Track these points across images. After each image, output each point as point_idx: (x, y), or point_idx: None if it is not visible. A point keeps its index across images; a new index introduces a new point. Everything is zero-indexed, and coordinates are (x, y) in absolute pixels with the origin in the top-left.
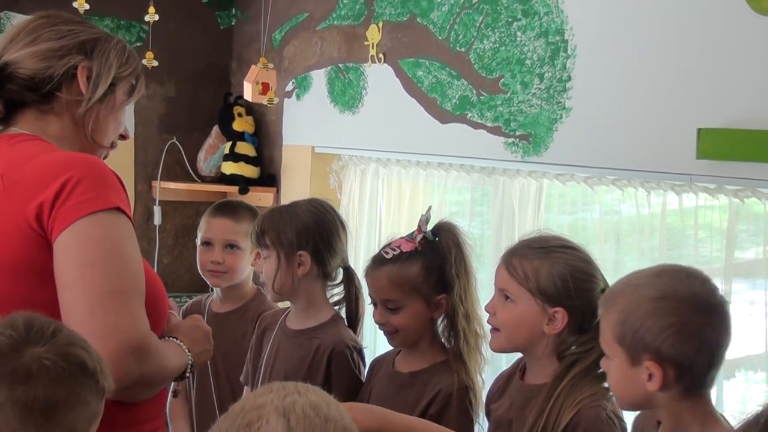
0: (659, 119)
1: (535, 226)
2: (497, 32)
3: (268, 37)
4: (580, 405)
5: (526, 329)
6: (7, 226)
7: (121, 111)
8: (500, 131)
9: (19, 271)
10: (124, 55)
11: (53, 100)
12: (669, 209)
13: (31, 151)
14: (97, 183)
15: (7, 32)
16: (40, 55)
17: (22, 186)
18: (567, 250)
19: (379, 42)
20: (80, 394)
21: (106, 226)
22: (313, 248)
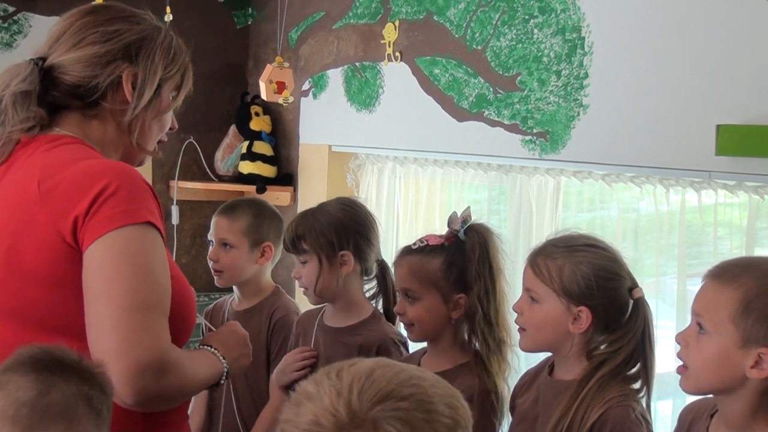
0: (678, 116)
1: (552, 224)
2: (514, 30)
3: (285, 36)
4: (608, 404)
5: (552, 329)
6: (41, 238)
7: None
8: (517, 129)
9: (52, 283)
10: (170, 53)
11: (97, 107)
12: (688, 206)
13: (67, 157)
14: (130, 195)
15: (54, 28)
16: (85, 61)
17: (56, 197)
18: (592, 249)
19: (395, 40)
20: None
21: (134, 241)
22: (355, 246)
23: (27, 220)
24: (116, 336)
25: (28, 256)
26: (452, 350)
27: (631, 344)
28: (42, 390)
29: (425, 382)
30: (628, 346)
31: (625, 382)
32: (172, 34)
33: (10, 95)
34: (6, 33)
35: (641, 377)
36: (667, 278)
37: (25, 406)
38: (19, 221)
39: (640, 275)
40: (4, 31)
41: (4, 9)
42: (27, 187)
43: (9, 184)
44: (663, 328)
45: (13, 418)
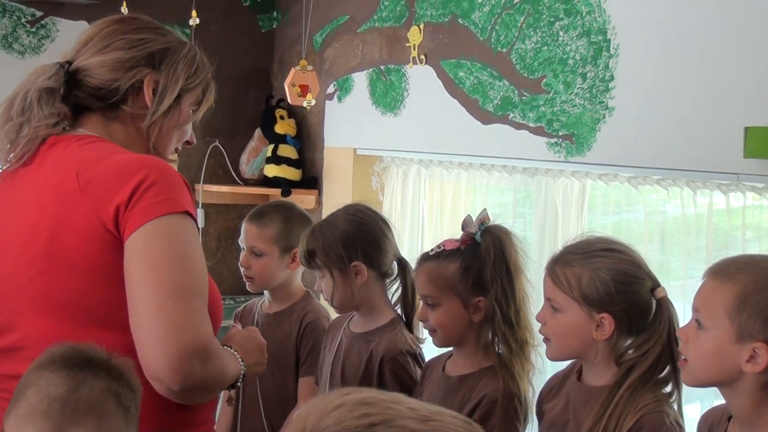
0: (705, 118)
1: (578, 227)
2: (539, 32)
3: (309, 39)
4: (642, 411)
5: (575, 337)
6: (83, 227)
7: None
8: (543, 131)
9: (95, 272)
10: (192, 65)
11: (119, 110)
12: (716, 209)
13: (102, 151)
14: (168, 186)
15: (82, 35)
16: (109, 65)
17: (96, 186)
18: (609, 253)
19: (420, 43)
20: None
21: (176, 229)
22: (364, 255)
23: (67, 210)
24: (163, 322)
25: (70, 246)
26: (476, 354)
27: (658, 346)
28: (72, 386)
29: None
30: (655, 348)
31: (656, 387)
32: (196, 49)
33: (35, 91)
34: (34, 38)
35: (671, 380)
36: (694, 281)
37: (56, 402)
38: (59, 213)
39: (666, 278)
40: (32, 35)
41: (32, 14)
42: (64, 180)
43: (42, 180)
44: None
45: (45, 413)
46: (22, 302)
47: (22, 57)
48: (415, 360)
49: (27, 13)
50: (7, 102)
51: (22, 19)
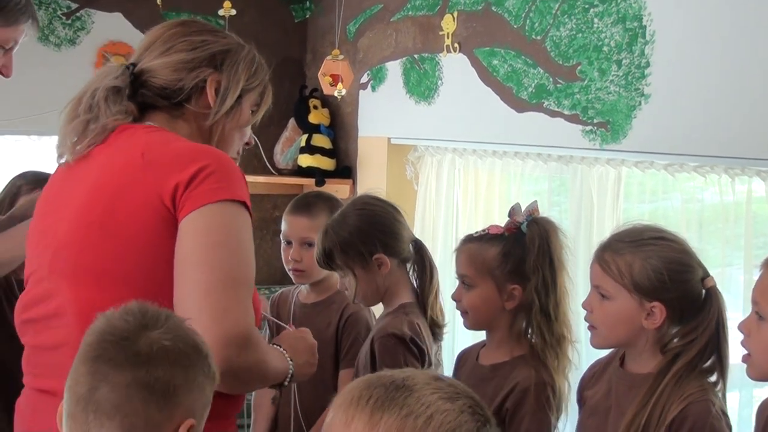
0: (743, 103)
1: (613, 216)
2: (574, 19)
3: (343, 29)
4: (688, 399)
5: (625, 326)
6: (140, 199)
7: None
8: (578, 119)
9: (146, 244)
10: (252, 66)
11: (183, 109)
12: (754, 196)
13: (169, 137)
14: (228, 176)
15: (145, 38)
16: (173, 66)
17: (160, 165)
18: (660, 242)
19: (454, 32)
20: (197, 377)
21: (232, 216)
22: (383, 245)
23: (127, 183)
24: (209, 304)
25: (125, 216)
26: (509, 342)
27: (705, 335)
28: (93, 384)
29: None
30: (702, 337)
31: (702, 376)
32: (255, 51)
33: (102, 90)
34: (69, 30)
35: (717, 369)
36: (732, 269)
37: (80, 402)
38: (119, 186)
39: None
40: (67, 27)
41: (67, 6)
42: (129, 159)
43: (107, 160)
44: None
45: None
46: (70, 269)
47: (59, 49)
48: (403, 344)
49: (62, 6)
50: (74, 100)
51: (57, 11)
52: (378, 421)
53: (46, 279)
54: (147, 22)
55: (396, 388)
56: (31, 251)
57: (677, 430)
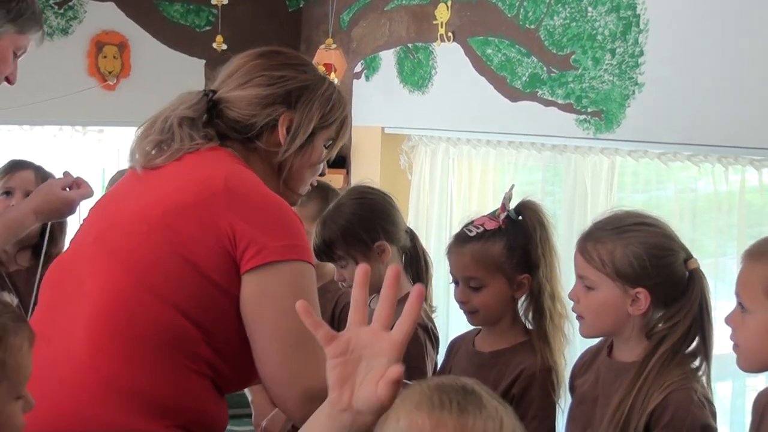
0: (736, 92)
1: (607, 205)
2: (567, 8)
3: (336, 18)
4: (670, 388)
5: (611, 314)
6: (210, 221)
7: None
8: (572, 108)
9: (191, 259)
10: (328, 104)
11: (253, 144)
12: (748, 185)
13: (252, 177)
14: (299, 234)
15: (229, 65)
16: (248, 100)
17: (239, 200)
18: (640, 227)
19: (448, 21)
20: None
21: (306, 278)
22: (384, 232)
23: (202, 200)
24: (287, 369)
25: (186, 228)
26: (511, 330)
27: (689, 318)
28: None
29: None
30: (685, 319)
31: (685, 361)
32: (335, 87)
33: (176, 118)
34: (62, 19)
35: (700, 353)
36: (726, 259)
37: None
38: (194, 198)
39: (698, 256)
40: (60, 17)
41: None
42: (212, 177)
43: (185, 170)
44: (722, 309)
45: None
46: (113, 247)
47: (51, 39)
48: (426, 333)
49: None
50: (149, 121)
51: (50, 0)
52: (466, 423)
53: (87, 247)
54: (139, 11)
55: (467, 393)
56: (84, 229)
57: (658, 418)
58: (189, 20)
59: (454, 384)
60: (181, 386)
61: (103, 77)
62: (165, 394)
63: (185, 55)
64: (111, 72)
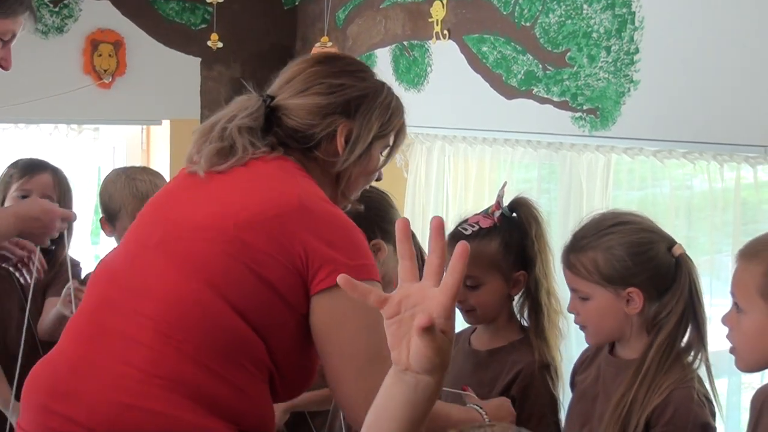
0: (732, 90)
1: (603, 203)
2: (563, 5)
3: (332, 16)
4: (671, 387)
5: (611, 319)
6: (282, 237)
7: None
8: (567, 106)
9: (273, 286)
10: (387, 113)
11: (311, 153)
12: (743, 183)
13: (321, 195)
14: (368, 253)
15: (286, 71)
16: (307, 108)
17: (312, 218)
18: (617, 228)
19: (443, 18)
20: None
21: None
22: (381, 231)
23: (274, 215)
24: (360, 387)
25: (259, 247)
26: (507, 327)
27: (681, 304)
28: None
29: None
30: (678, 306)
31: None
32: (393, 94)
33: (235, 127)
34: (57, 17)
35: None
36: (721, 256)
37: None
38: (265, 213)
39: (694, 253)
40: (54, 15)
41: None
42: (285, 192)
43: (254, 178)
44: (718, 306)
45: None
46: (180, 253)
47: (46, 37)
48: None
49: None
50: (205, 127)
51: None
52: None
53: (150, 249)
54: (135, 10)
55: None
56: (139, 224)
57: (659, 416)
58: (184, 18)
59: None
60: (244, 389)
61: (98, 75)
62: (227, 396)
63: (181, 53)
64: (106, 70)
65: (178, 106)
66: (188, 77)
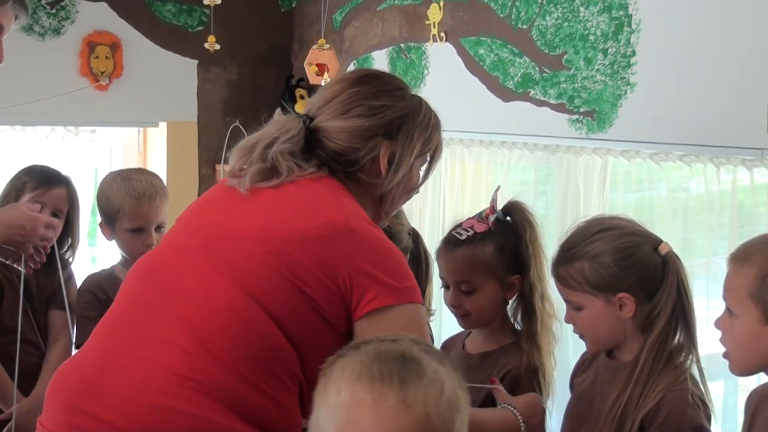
0: (728, 92)
1: (600, 205)
2: (560, 8)
3: (329, 18)
4: (665, 389)
5: (605, 327)
6: (329, 259)
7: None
8: (564, 108)
9: (315, 303)
10: (427, 131)
11: (355, 176)
12: (740, 185)
13: (366, 218)
14: (411, 276)
15: (324, 91)
16: (349, 131)
17: (356, 243)
18: (600, 234)
19: (440, 21)
20: None
21: (420, 319)
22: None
23: (322, 234)
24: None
25: (304, 265)
26: (500, 331)
27: (670, 303)
28: None
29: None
30: (667, 305)
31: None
32: (431, 110)
33: (277, 152)
34: (54, 19)
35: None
36: (718, 258)
37: None
38: (314, 232)
39: (690, 255)
40: (51, 17)
41: None
42: (332, 215)
43: (302, 194)
44: (714, 309)
45: None
46: (225, 260)
47: (43, 39)
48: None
49: None
50: (245, 147)
51: (42, 0)
52: (407, 395)
53: (191, 253)
54: (132, 12)
55: (407, 360)
56: (181, 228)
57: (653, 418)
58: (181, 20)
59: (394, 351)
60: (276, 398)
61: (95, 77)
62: (259, 402)
63: (178, 55)
64: (103, 72)
65: (174, 108)
66: (185, 79)
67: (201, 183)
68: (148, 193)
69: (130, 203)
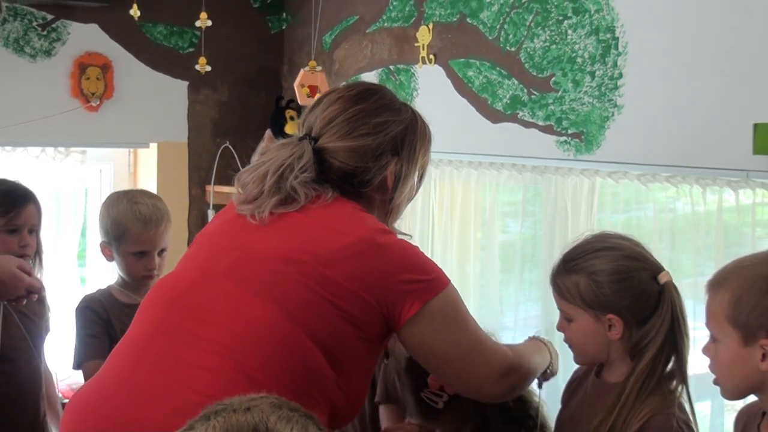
0: (714, 115)
1: (587, 226)
2: (548, 31)
3: (319, 40)
4: (651, 413)
5: (592, 342)
6: (363, 275)
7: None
8: (552, 130)
9: (351, 318)
10: (425, 141)
11: (364, 193)
12: (725, 206)
13: (383, 228)
14: (434, 265)
15: (324, 108)
16: (357, 151)
17: (385, 255)
18: (602, 253)
19: (429, 43)
20: None
21: (456, 297)
22: None
23: (354, 253)
24: (478, 370)
25: (338, 282)
26: None
27: (661, 333)
28: None
29: None
30: (658, 335)
31: (664, 384)
32: (423, 119)
33: (296, 183)
34: (45, 41)
35: (676, 368)
36: (704, 278)
37: None
38: (345, 251)
39: (677, 276)
40: (42, 38)
41: (43, 17)
42: (360, 232)
43: (327, 215)
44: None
45: None
46: (257, 281)
47: (34, 60)
48: None
49: (38, 17)
50: (260, 175)
51: (33, 22)
52: None
53: (218, 279)
54: (123, 33)
55: None
56: (198, 252)
57: None
58: (172, 42)
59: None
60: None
61: (86, 99)
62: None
63: (168, 76)
64: (94, 93)
65: (165, 129)
66: (176, 100)
67: (191, 204)
68: (155, 218)
69: (137, 227)
